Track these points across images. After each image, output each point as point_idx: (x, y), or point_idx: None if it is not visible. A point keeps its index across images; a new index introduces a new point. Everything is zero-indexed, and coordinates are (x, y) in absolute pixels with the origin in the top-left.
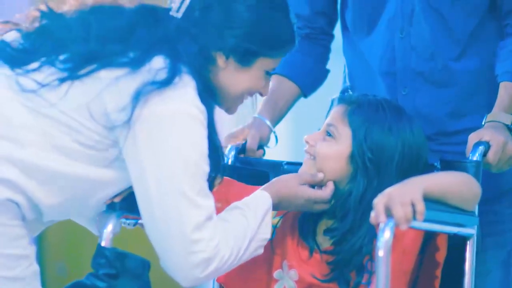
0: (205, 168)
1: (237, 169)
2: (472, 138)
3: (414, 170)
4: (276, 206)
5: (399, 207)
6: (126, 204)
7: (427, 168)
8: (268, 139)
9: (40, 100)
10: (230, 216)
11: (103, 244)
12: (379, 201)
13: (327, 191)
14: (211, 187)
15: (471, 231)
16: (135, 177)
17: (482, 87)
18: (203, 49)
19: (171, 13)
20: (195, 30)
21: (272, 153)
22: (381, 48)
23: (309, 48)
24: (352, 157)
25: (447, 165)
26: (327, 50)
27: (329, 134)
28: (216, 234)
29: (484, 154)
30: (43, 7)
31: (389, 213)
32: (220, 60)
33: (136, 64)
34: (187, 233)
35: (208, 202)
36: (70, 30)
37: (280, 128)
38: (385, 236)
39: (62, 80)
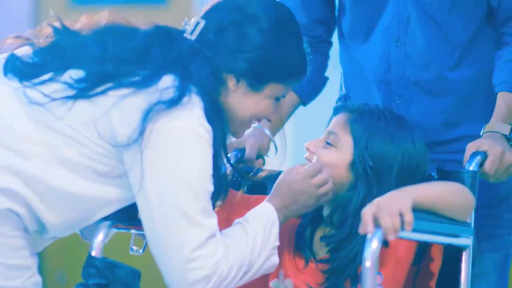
0: (209, 187)
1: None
2: (470, 147)
3: (413, 179)
4: (286, 213)
5: (387, 217)
6: (118, 214)
7: (426, 178)
8: (267, 148)
9: (47, 114)
10: (231, 232)
11: (93, 254)
12: (367, 211)
13: (325, 172)
14: (213, 206)
15: (466, 241)
16: (137, 193)
17: (478, 96)
18: (215, 71)
19: (185, 35)
20: (208, 52)
21: (271, 162)
22: (376, 56)
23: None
24: (353, 165)
25: (444, 175)
26: (326, 58)
27: (328, 143)
28: (217, 252)
29: (482, 164)
30: (57, 24)
31: (377, 223)
32: (231, 82)
33: (145, 82)
34: (185, 252)
35: (211, 221)
36: (85, 49)
37: (279, 137)
38: (372, 246)
39: (74, 98)
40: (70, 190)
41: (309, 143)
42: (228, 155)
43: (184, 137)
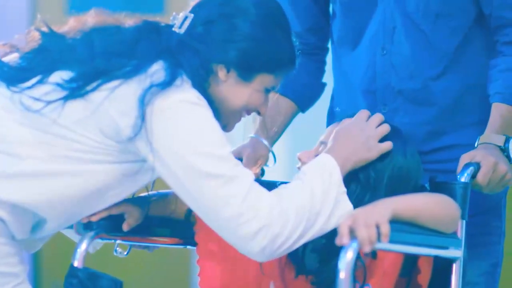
0: (227, 145)
1: None
2: (463, 158)
3: (404, 190)
4: (347, 156)
5: (362, 228)
6: (103, 224)
7: (418, 190)
8: (265, 158)
9: (38, 116)
10: (285, 185)
11: (75, 264)
12: (344, 222)
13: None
14: None
15: (455, 253)
16: (164, 175)
17: (463, 105)
18: (204, 62)
19: (173, 29)
20: (197, 44)
21: (270, 172)
22: (363, 65)
23: (304, 63)
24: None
25: (436, 186)
26: (322, 64)
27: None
28: (263, 199)
29: (475, 176)
30: (43, 28)
31: (353, 235)
32: (221, 73)
33: (134, 71)
34: (230, 211)
35: (242, 169)
36: (73, 50)
37: (277, 147)
38: (347, 257)
39: (66, 98)
40: (70, 184)
41: (301, 153)
42: None
43: (185, 107)
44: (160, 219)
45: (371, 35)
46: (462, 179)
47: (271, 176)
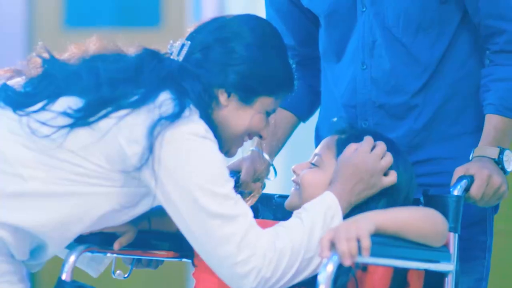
0: (230, 181)
1: None
2: (457, 171)
3: (394, 203)
4: (350, 197)
5: (343, 242)
6: (94, 238)
7: (409, 203)
8: (266, 172)
9: (43, 141)
10: (286, 222)
11: (63, 277)
12: (325, 236)
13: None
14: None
15: (447, 267)
16: (167, 207)
17: (444, 117)
18: (206, 87)
19: (172, 57)
20: (197, 70)
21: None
22: (345, 79)
23: (302, 74)
24: None
25: (429, 199)
26: (318, 72)
27: (313, 164)
28: (260, 239)
29: (469, 189)
30: (45, 55)
31: (334, 248)
32: (222, 97)
33: (143, 100)
34: (228, 249)
35: (243, 209)
36: (79, 77)
37: (276, 161)
38: (327, 270)
39: (73, 126)
40: (71, 206)
41: (296, 166)
42: None
43: (194, 140)
44: (156, 232)
45: (353, 50)
46: (455, 192)
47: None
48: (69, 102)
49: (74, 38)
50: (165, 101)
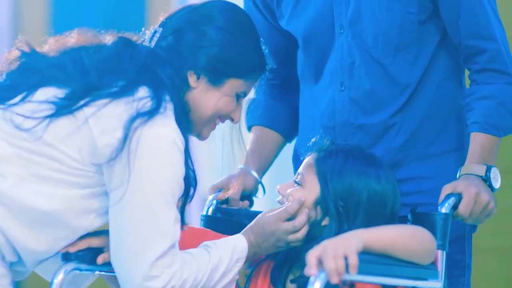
0: (178, 195)
1: (216, 220)
2: (445, 189)
3: (381, 217)
4: (256, 250)
5: (330, 260)
6: (82, 255)
7: (395, 217)
8: (254, 189)
9: (22, 133)
10: (195, 251)
11: None
12: (312, 253)
13: (301, 217)
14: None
15: (434, 284)
16: (115, 197)
17: (422, 137)
18: (177, 71)
19: (144, 43)
20: (168, 54)
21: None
22: (323, 101)
23: (285, 95)
24: (318, 204)
25: (418, 217)
26: None
27: (296, 182)
28: (174, 263)
29: (457, 206)
30: (24, 48)
31: (322, 266)
32: (192, 79)
33: (122, 93)
34: (149, 259)
35: (176, 229)
36: (63, 67)
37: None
38: None
39: (56, 115)
40: (47, 207)
41: (280, 186)
42: (213, 195)
43: (166, 147)
44: None
45: (331, 71)
46: (443, 210)
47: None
48: (50, 92)
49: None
50: (143, 97)
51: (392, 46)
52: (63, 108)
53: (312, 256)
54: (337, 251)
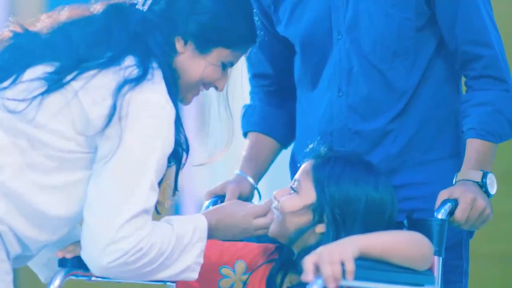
0: (165, 161)
1: None
2: (441, 195)
3: (379, 224)
4: (213, 233)
5: (327, 265)
6: (78, 260)
7: (393, 224)
8: (250, 195)
9: (15, 118)
10: (158, 222)
11: None
12: (309, 259)
13: (268, 217)
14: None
15: None
16: (104, 158)
17: (419, 143)
18: (168, 37)
19: (137, 6)
20: (159, 20)
21: None
22: (321, 107)
23: (281, 101)
24: (315, 211)
25: (413, 223)
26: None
27: (293, 189)
28: (145, 227)
29: (453, 212)
30: (17, 28)
31: (318, 272)
32: (179, 45)
33: (109, 63)
34: (124, 216)
35: (155, 197)
36: (52, 44)
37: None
38: None
39: (48, 92)
40: (45, 206)
41: (277, 192)
42: (209, 201)
43: (155, 112)
44: None
45: (328, 77)
46: (439, 216)
47: None
48: (39, 70)
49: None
50: (129, 66)
51: (390, 52)
52: (54, 83)
53: (308, 262)
54: (334, 257)
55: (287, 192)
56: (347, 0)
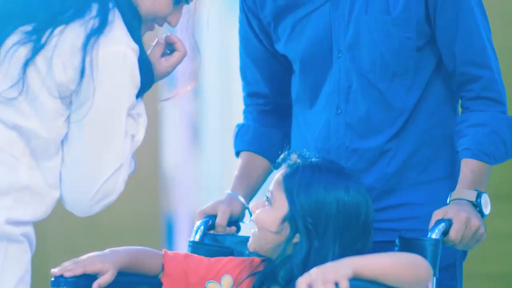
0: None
1: (203, 246)
2: (435, 215)
3: (355, 228)
4: None
5: (320, 285)
6: (72, 281)
7: (370, 227)
8: (241, 215)
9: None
10: None
11: None
12: (302, 280)
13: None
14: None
15: None
16: (79, 114)
17: (415, 164)
18: None
19: None
20: None
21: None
22: (319, 124)
23: (275, 121)
24: (287, 220)
25: (406, 243)
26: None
27: (268, 199)
28: (119, 180)
29: (447, 232)
30: None
31: None
32: None
33: (75, 15)
34: (103, 176)
35: (128, 144)
36: (29, 3)
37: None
38: None
39: (33, 56)
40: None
41: (253, 205)
42: (201, 221)
43: (122, 64)
44: (136, 275)
45: (327, 95)
46: (433, 236)
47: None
48: (19, 34)
49: None
50: (92, 17)
51: (389, 71)
52: (36, 43)
53: (302, 283)
54: (327, 276)
55: (262, 205)
56: (349, 19)
